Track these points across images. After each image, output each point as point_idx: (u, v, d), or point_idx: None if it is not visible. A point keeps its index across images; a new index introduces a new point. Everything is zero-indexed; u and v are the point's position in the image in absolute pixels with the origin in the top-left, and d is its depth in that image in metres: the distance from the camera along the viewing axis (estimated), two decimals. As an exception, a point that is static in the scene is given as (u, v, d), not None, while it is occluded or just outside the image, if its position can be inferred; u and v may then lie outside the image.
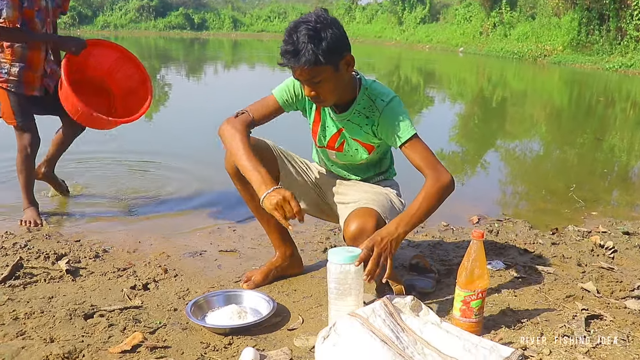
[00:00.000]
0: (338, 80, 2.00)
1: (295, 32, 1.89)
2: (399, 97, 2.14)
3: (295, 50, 1.88)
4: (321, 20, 1.91)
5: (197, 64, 18.26)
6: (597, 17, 18.77)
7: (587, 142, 6.84)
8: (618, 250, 2.92)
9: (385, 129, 2.11)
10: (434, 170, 2.07)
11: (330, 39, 1.90)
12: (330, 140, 2.28)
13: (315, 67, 1.90)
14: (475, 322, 1.86)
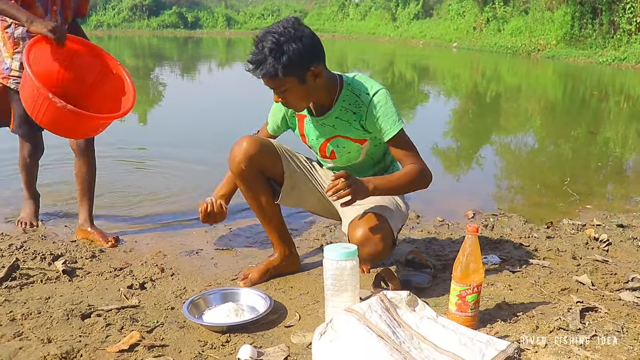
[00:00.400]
0: (305, 90, 2.04)
1: (261, 42, 1.94)
2: (385, 89, 2.16)
3: (258, 62, 1.94)
4: (287, 32, 1.93)
5: (191, 62, 18.23)
6: (590, 11, 18.77)
7: (581, 135, 6.86)
8: (612, 242, 2.93)
9: (373, 123, 2.13)
10: (418, 164, 2.18)
11: (292, 53, 1.93)
12: (321, 150, 2.31)
13: (276, 79, 1.94)
14: (471, 316, 1.88)
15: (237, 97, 9.33)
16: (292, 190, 2.38)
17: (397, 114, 2.14)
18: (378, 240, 2.07)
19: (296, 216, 3.33)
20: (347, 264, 1.85)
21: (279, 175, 2.36)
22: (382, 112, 2.11)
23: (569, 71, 15.42)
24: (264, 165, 2.30)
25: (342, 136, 2.21)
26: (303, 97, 2.06)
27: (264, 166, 2.30)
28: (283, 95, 2.04)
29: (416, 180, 2.17)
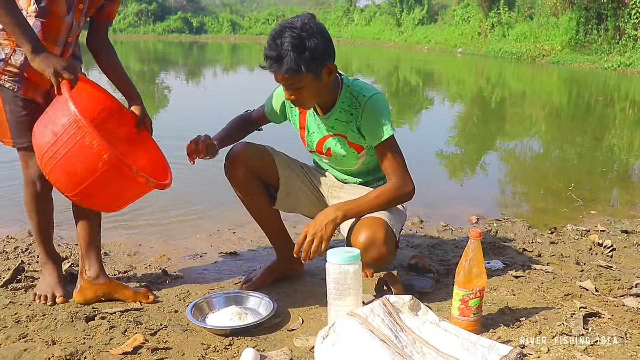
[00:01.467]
0: (319, 87, 2.03)
1: (279, 37, 1.91)
2: (381, 93, 2.16)
3: (278, 57, 1.91)
4: (307, 28, 1.92)
5: (196, 67, 18.29)
6: (595, 17, 18.77)
7: (586, 141, 6.85)
8: (616, 248, 2.93)
9: (366, 125, 2.14)
10: (399, 178, 2.15)
11: (313, 49, 1.92)
12: (318, 145, 2.31)
13: (297, 75, 1.92)
14: (473, 320, 1.88)
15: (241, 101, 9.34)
16: (288, 195, 2.39)
17: (390, 121, 2.14)
18: (381, 245, 2.06)
19: (299, 220, 3.33)
20: (350, 267, 1.85)
21: (274, 181, 2.37)
22: (375, 116, 2.12)
23: (574, 77, 15.41)
24: (259, 171, 2.32)
25: (340, 135, 2.22)
26: (316, 94, 2.06)
27: (259, 171, 2.32)
28: (297, 92, 2.01)
29: (390, 201, 2.16)
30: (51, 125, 1.83)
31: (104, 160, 1.78)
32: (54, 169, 1.85)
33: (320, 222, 2.05)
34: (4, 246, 2.91)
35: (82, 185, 1.84)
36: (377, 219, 2.12)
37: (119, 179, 1.85)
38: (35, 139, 1.90)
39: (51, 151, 1.82)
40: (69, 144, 1.79)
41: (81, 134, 1.77)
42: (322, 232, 2.03)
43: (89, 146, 1.77)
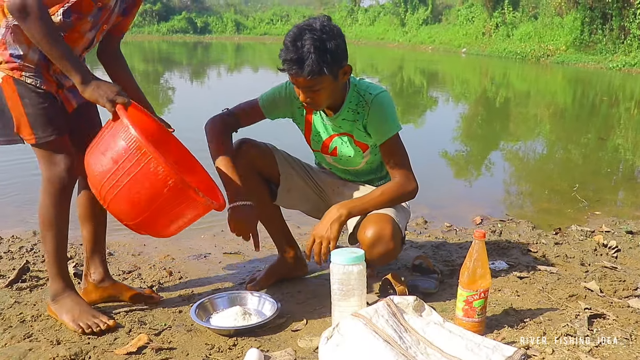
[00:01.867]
0: (335, 88, 2.03)
1: (300, 39, 1.89)
2: (387, 92, 2.17)
3: (300, 59, 1.89)
4: (327, 30, 1.91)
5: (200, 67, 18.31)
6: (600, 17, 18.72)
7: (590, 141, 6.84)
8: (621, 249, 2.92)
9: (372, 123, 2.14)
10: (403, 177, 2.17)
11: (334, 50, 1.92)
12: (323, 145, 2.30)
13: (319, 77, 1.91)
14: (477, 321, 1.87)
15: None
16: (289, 191, 2.40)
17: (396, 119, 2.15)
18: (389, 239, 2.07)
19: (305, 221, 3.33)
20: (354, 268, 1.85)
21: (275, 177, 2.38)
22: (381, 114, 2.12)
23: (579, 77, 15.38)
24: (260, 166, 2.32)
25: (347, 134, 2.22)
26: (331, 95, 2.05)
27: (259, 167, 2.32)
28: (314, 95, 2.00)
29: (395, 198, 2.18)
30: (110, 152, 1.78)
31: (169, 186, 1.74)
32: (116, 198, 1.79)
33: (326, 222, 2.08)
34: (9, 246, 2.92)
35: (145, 213, 1.80)
36: (384, 215, 2.13)
37: (183, 204, 1.82)
38: (92, 168, 1.83)
39: (112, 179, 1.77)
40: (132, 170, 1.74)
41: (145, 160, 1.72)
42: (328, 233, 2.05)
43: (154, 172, 1.73)
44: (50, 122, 1.90)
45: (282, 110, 2.28)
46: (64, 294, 2.03)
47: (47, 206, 1.95)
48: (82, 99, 2.01)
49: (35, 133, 1.89)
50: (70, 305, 2.01)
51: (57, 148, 1.92)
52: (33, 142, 1.91)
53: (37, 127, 1.89)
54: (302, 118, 2.30)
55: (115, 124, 1.80)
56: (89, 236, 2.20)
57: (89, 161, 1.85)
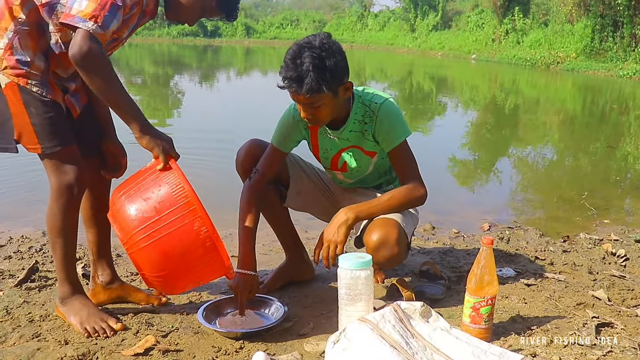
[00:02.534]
0: (336, 104, 2.05)
1: (299, 57, 1.90)
2: (392, 99, 2.18)
3: (299, 77, 1.90)
4: (326, 47, 1.93)
5: (209, 70, 18.37)
6: (610, 24, 18.66)
7: (600, 149, 6.81)
8: (630, 258, 2.90)
9: (381, 131, 2.15)
10: (412, 182, 2.17)
11: (334, 68, 1.93)
12: (332, 162, 2.32)
13: (317, 94, 1.93)
14: (484, 328, 1.87)
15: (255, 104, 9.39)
16: (299, 194, 2.42)
17: (404, 125, 2.16)
18: (394, 244, 2.08)
19: (313, 225, 3.34)
20: (362, 273, 1.85)
21: (285, 179, 2.39)
22: (389, 122, 2.13)
23: (589, 84, 15.32)
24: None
25: (355, 146, 2.23)
26: (332, 111, 2.06)
27: None
28: (315, 111, 2.01)
29: (403, 204, 2.18)
30: (154, 201, 1.77)
31: (206, 247, 1.77)
32: (149, 246, 1.76)
33: (334, 226, 2.09)
34: (19, 246, 2.95)
35: (171, 267, 1.79)
36: (390, 220, 2.14)
37: (210, 266, 1.84)
38: (127, 211, 1.79)
39: (150, 228, 1.75)
40: (174, 224, 1.74)
41: (192, 217, 1.74)
42: (336, 237, 2.06)
43: (196, 231, 1.75)
44: (57, 132, 1.86)
45: (294, 137, 2.29)
46: (72, 297, 2.03)
47: (56, 214, 1.92)
48: (83, 104, 2.04)
49: (42, 143, 1.85)
50: (78, 308, 2.01)
51: (66, 158, 1.88)
52: (39, 153, 1.87)
53: (43, 138, 1.84)
54: (308, 137, 2.32)
55: (162, 174, 1.83)
56: (95, 239, 2.20)
57: (123, 203, 1.81)
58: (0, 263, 2.70)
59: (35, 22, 1.81)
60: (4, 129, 1.84)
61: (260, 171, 2.28)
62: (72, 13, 1.70)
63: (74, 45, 1.69)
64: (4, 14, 1.78)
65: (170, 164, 1.84)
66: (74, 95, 1.99)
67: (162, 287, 1.94)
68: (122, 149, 2.20)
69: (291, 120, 2.24)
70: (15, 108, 1.82)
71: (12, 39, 1.79)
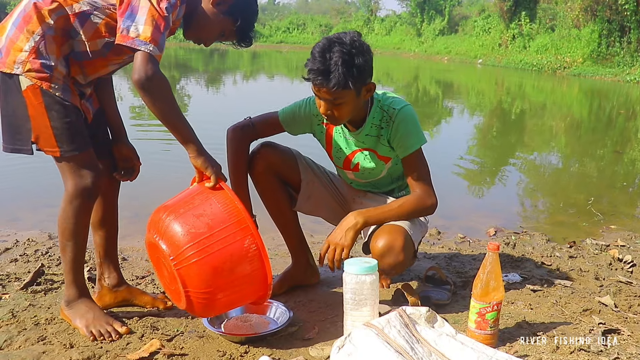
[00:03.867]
0: (356, 104, 2.04)
1: (328, 51, 1.90)
2: (410, 106, 2.18)
3: (326, 70, 1.90)
4: (356, 45, 1.93)
5: (216, 74, 18.42)
6: (617, 29, 18.63)
7: (606, 155, 6.78)
8: (637, 264, 2.89)
9: (396, 138, 2.15)
10: (423, 191, 2.17)
11: (361, 66, 1.93)
12: (345, 161, 2.31)
13: (343, 90, 1.92)
14: (490, 334, 1.86)
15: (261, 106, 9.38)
16: (309, 198, 2.42)
17: (420, 133, 2.16)
18: (399, 251, 2.08)
19: (319, 229, 3.33)
20: (367, 278, 1.85)
21: (296, 182, 2.40)
22: (405, 129, 2.13)
23: (595, 89, 15.28)
24: (280, 169, 2.35)
25: (370, 149, 2.23)
26: (352, 110, 2.06)
27: (279, 170, 2.34)
28: (336, 108, 2.01)
29: (412, 212, 2.18)
30: (206, 218, 1.81)
31: (254, 264, 1.81)
32: (200, 261, 1.76)
33: (341, 229, 2.08)
34: (25, 249, 2.96)
35: (218, 284, 1.81)
36: (398, 227, 2.14)
37: (254, 284, 1.87)
38: (176, 227, 1.81)
39: (203, 243, 1.77)
40: (226, 241, 1.78)
41: (242, 235, 1.79)
42: (343, 241, 2.06)
43: (247, 248, 1.79)
44: (76, 136, 1.87)
45: (302, 127, 2.31)
46: (78, 300, 2.04)
47: (69, 217, 1.93)
48: (96, 108, 2.08)
49: (60, 147, 1.86)
50: (84, 311, 2.01)
51: (83, 162, 1.90)
52: (57, 156, 1.88)
53: (62, 141, 1.86)
54: (323, 135, 2.32)
55: (212, 194, 1.88)
56: (102, 242, 2.21)
57: (172, 220, 1.83)
58: (7, 266, 2.71)
59: (63, 28, 1.83)
60: (21, 130, 1.85)
61: (255, 127, 2.31)
62: (131, 36, 1.73)
63: (139, 70, 1.72)
64: (32, 17, 1.79)
65: (221, 184, 1.90)
66: (88, 100, 2.02)
67: (204, 306, 1.89)
68: (135, 152, 2.22)
69: (307, 111, 2.26)
70: (36, 110, 1.82)
71: (39, 43, 1.80)
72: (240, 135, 2.29)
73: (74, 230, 1.95)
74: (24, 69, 1.80)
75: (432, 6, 32.01)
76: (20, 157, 1.92)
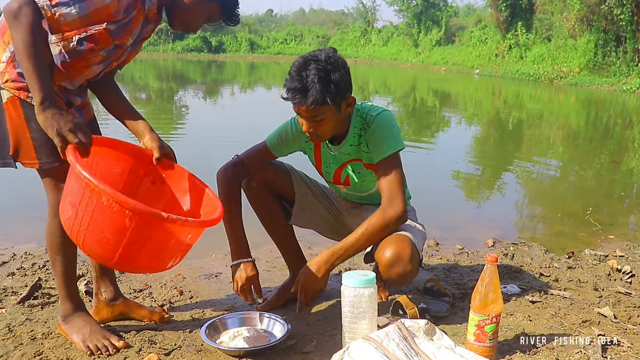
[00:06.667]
0: (338, 119, 2.05)
1: (304, 69, 1.92)
2: (388, 111, 2.18)
3: (303, 89, 1.92)
4: (331, 61, 1.95)
5: (214, 85, 18.45)
6: (613, 39, 18.73)
7: (604, 164, 6.79)
8: (636, 274, 2.88)
9: (372, 142, 2.15)
10: (388, 202, 2.11)
11: (338, 81, 1.94)
12: (335, 176, 2.32)
13: (321, 107, 1.93)
14: (489, 346, 1.86)
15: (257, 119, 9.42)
16: (304, 211, 2.42)
17: (396, 138, 2.13)
18: (407, 261, 2.07)
19: (317, 241, 3.33)
20: (366, 291, 1.84)
21: (290, 196, 2.40)
22: (379, 133, 2.13)
23: (592, 99, 15.34)
24: (274, 184, 2.35)
25: (356, 159, 2.23)
26: (334, 126, 2.07)
27: (274, 185, 2.35)
28: (318, 125, 2.02)
29: (380, 231, 2.11)
30: (70, 196, 1.74)
31: (129, 216, 1.64)
32: (85, 241, 1.72)
33: (307, 277, 2.12)
34: (22, 262, 2.95)
35: (118, 250, 1.70)
36: (403, 236, 2.13)
37: (154, 231, 1.72)
38: (62, 217, 1.78)
39: (77, 224, 1.70)
40: (89, 210, 1.67)
41: (97, 196, 1.64)
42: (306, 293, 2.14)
43: (108, 206, 1.64)
44: (56, 148, 1.76)
45: (291, 146, 2.31)
46: (74, 315, 2.02)
47: (54, 231, 1.92)
48: (88, 120, 2.02)
49: (40, 158, 1.82)
50: (81, 325, 2.00)
51: (64, 174, 1.81)
52: (37, 168, 1.85)
53: (41, 153, 1.82)
54: (312, 151, 2.33)
55: (71, 169, 1.73)
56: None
57: (60, 211, 1.79)
58: (3, 280, 2.70)
59: None
60: (6, 144, 1.82)
61: (244, 163, 2.29)
62: None
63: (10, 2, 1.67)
64: (7, 28, 1.75)
65: (67, 151, 1.71)
66: (79, 111, 1.97)
67: (140, 269, 1.89)
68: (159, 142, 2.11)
69: (294, 130, 2.25)
70: (15, 123, 1.79)
71: (15, 53, 1.75)
72: (231, 175, 2.28)
73: (61, 244, 1.93)
74: (2, 81, 1.78)
75: (429, 17, 32.14)
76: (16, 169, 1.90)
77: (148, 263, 1.83)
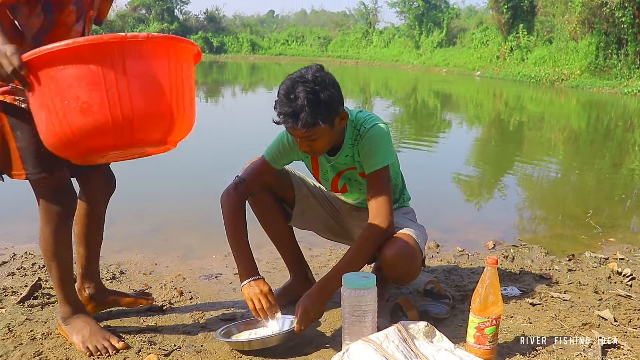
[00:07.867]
0: (333, 134, 2.04)
1: (293, 92, 1.89)
2: (383, 124, 2.15)
3: (294, 113, 1.89)
4: (319, 80, 1.91)
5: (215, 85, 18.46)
6: (615, 41, 18.74)
7: (604, 167, 6.79)
8: (636, 277, 2.88)
9: (363, 154, 2.14)
10: (374, 218, 2.09)
11: (328, 101, 1.91)
12: (332, 184, 2.33)
13: (314, 128, 1.92)
14: (489, 349, 1.86)
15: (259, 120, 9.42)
16: (304, 213, 2.43)
17: (387, 152, 2.12)
18: (412, 260, 2.07)
19: (317, 243, 3.33)
20: (366, 293, 1.84)
21: (290, 198, 2.41)
22: (371, 147, 2.11)
23: (593, 101, 15.33)
24: (275, 186, 2.36)
25: (350, 168, 2.23)
26: (329, 142, 2.06)
27: (274, 187, 2.36)
28: (312, 143, 2.01)
29: (371, 248, 2.09)
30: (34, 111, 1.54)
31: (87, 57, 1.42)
32: (72, 126, 1.46)
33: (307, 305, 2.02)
34: (22, 262, 2.94)
35: (105, 108, 1.44)
36: (406, 235, 2.12)
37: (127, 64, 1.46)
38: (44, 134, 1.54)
39: (56, 118, 1.47)
40: (51, 92, 1.46)
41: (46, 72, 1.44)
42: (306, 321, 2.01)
43: (62, 69, 1.43)
44: (44, 157, 1.71)
45: (289, 156, 2.29)
46: (74, 316, 2.02)
47: (47, 238, 1.89)
48: None
49: (26, 169, 1.76)
50: (81, 326, 1.99)
51: (52, 185, 1.79)
52: (23, 179, 1.78)
53: (28, 163, 1.75)
54: (309, 161, 2.33)
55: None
56: (86, 253, 2.17)
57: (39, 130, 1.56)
58: (3, 280, 2.70)
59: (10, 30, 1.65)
60: None
61: (246, 182, 2.26)
62: None
63: None
64: None
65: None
66: None
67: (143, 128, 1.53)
68: None
69: (290, 141, 2.23)
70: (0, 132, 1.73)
71: None
72: (233, 198, 2.24)
73: (55, 250, 1.91)
74: None
75: (431, 19, 32.19)
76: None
77: (147, 108, 1.51)
